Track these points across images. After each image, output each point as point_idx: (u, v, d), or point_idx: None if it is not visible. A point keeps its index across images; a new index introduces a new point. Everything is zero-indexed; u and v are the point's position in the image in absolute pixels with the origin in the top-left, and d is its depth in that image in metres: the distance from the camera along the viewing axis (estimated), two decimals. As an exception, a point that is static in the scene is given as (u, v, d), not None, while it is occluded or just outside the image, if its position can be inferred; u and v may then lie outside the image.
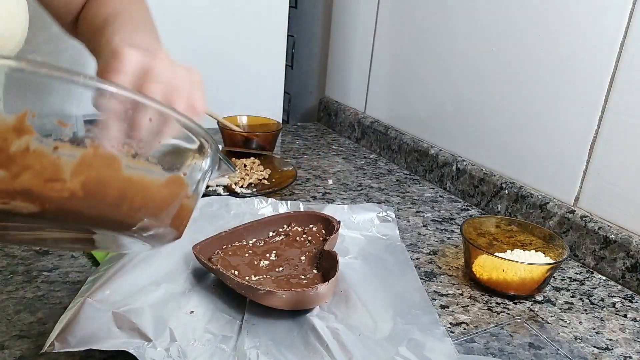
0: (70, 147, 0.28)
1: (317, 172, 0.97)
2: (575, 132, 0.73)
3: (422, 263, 0.68)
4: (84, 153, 0.28)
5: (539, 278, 0.61)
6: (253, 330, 0.51)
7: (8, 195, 0.26)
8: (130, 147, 0.32)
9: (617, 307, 0.62)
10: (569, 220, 0.73)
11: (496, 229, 0.69)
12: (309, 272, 0.59)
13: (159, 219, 0.33)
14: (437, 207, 0.87)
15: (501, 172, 0.86)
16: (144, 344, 0.47)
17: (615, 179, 0.69)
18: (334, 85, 1.29)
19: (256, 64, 1.17)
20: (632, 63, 0.66)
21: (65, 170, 0.27)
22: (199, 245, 0.60)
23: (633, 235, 0.67)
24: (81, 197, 0.28)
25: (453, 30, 0.92)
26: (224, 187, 0.84)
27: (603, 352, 0.54)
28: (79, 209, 0.28)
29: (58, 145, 0.27)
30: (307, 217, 0.69)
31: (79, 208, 0.28)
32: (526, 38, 0.79)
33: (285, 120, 1.47)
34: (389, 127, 1.09)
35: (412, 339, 0.51)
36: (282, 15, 1.18)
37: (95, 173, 0.28)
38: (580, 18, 0.71)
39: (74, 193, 0.27)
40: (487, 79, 0.86)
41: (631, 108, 0.67)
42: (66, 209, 0.28)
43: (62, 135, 0.30)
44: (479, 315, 0.58)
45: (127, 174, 0.30)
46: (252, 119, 1.06)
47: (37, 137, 0.27)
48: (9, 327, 0.50)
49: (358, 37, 1.18)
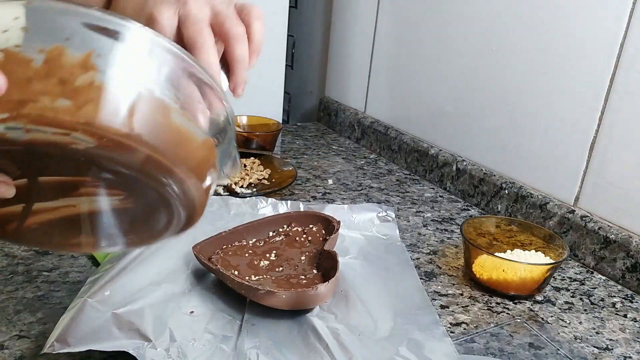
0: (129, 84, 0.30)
1: (317, 172, 0.97)
2: (575, 132, 0.73)
3: (422, 263, 0.68)
4: (141, 93, 0.30)
5: (539, 278, 0.61)
6: (253, 330, 0.51)
7: (71, 125, 0.28)
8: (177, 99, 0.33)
9: (617, 307, 0.62)
10: (569, 220, 0.73)
11: (496, 229, 0.69)
12: (309, 272, 0.59)
13: (195, 177, 0.35)
14: (437, 207, 0.87)
15: (501, 172, 0.86)
16: (144, 345, 0.47)
17: (615, 179, 0.69)
18: (334, 85, 1.29)
19: (256, 64, 1.17)
20: (632, 63, 0.66)
21: (123, 108, 0.29)
22: (199, 245, 0.60)
23: (633, 235, 0.67)
24: (137, 135, 0.29)
25: (453, 30, 0.92)
26: (224, 187, 0.84)
27: (603, 352, 0.54)
28: (132, 149, 0.30)
29: (119, 84, 0.29)
30: (307, 217, 0.69)
31: (132, 147, 0.29)
32: (526, 38, 0.79)
33: (285, 120, 1.47)
34: (389, 127, 1.09)
35: (412, 339, 0.51)
36: (282, 15, 1.18)
37: (149, 114, 0.30)
38: (580, 18, 0.71)
39: (131, 131, 0.29)
40: (487, 79, 0.86)
41: (631, 108, 0.67)
42: (121, 145, 0.29)
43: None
44: (479, 315, 0.58)
45: (175, 121, 0.32)
46: (252, 119, 1.06)
47: (102, 74, 0.29)
48: (9, 327, 0.50)
49: (358, 37, 1.18)
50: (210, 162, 0.36)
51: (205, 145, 0.34)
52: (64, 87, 0.28)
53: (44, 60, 0.28)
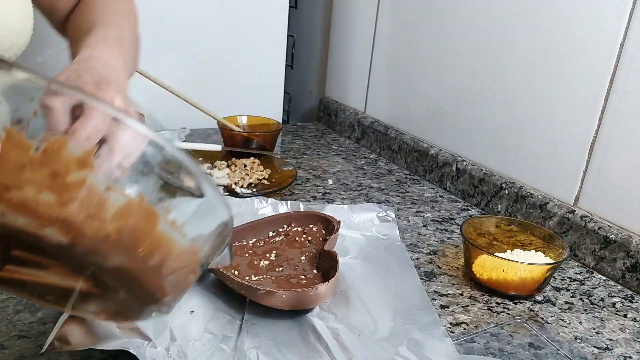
0: (119, 191, 0.29)
1: (317, 172, 0.97)
2: (575, 132, 0.73)
3: (422, 263, 0.68)
4: (130, 200, 0.29)
5: (539, 278, 0.61)
6: (253, 330, 0.51)
7: (49, 220, 0.27)
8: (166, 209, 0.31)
9: (617, 307, 0.62)
10: (569, 220, 0.73)
11: (496, 229, 0.69)
12: (309, 272, 0.59)
13: (172, 294, 0.34)
14: (437, 207, 0.87)
15: (501, 172, 0.86)
16: (144, 344, 0.47)
17: (615, 179, 0.69)
18: (334, 85, 1.30)
19: (256, 64, 1.17)
20: (632, 63, 0.66)
21: (109, 211, 0.28)
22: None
23: (633, 235, 0.67)
24: (113, 241, 0.28)
25: (453, 30, 0.92)
26: (224, 187, 0.84)
27: (603, 352, 0.54)
28: (105, 252, 0.29)
29: (110, 187, 0.28)
30: (307, 217, 0.69)
31: (106, 251, 0.28)
32: (526, 38, 0.79)
33: (285, 120, 1.47)
34: (389, 127, 1.09)
35: (412, 339, 0.51)
36: (282, 15, 1.18)
37: (133, 222, 0.29)
38: (580, 18, 0.71)
39: (109, 235, 0.28)
40: (487, 79, 0.86)
41: (631, 108, 0.67)
42: (94, 248, 0.28)
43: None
44: (479, 315, 0.58)
45: (160, 231, 0.30)
46: (252, 119, 1.06)
47: (95, 175, 0.27)
48: (9, 327, 0.50)
49: (358, 37, 1.18)
50: (190, 268, 0.34)
51: (188, 252, 0.33)
52: (54, 181, 0.27)
53: (43, 149, 0.27)
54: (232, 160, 0.94)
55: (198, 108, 0.99)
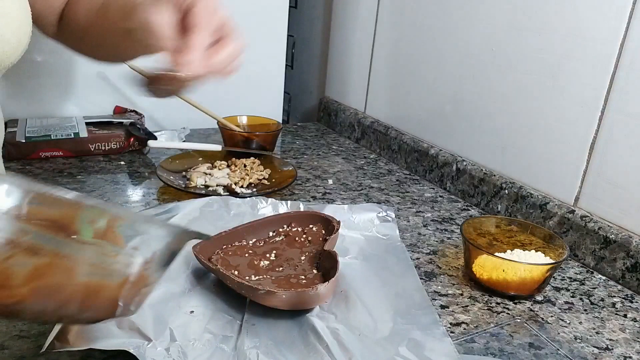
0: (24, 255, 0.28)
1: (317, 172, 0.97)
2: (575, 132, 0.73)
3: (422, 263, 0.68)
4: (37, 264, 0.28)
5: (539, 278, 0.61)
6: (253, 330, 0.51)
7: None
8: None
9: (617, 307, 0.62)
10: (569, 220, 0.73)
11: (496, 229, 0.69)
12: (309, 272, 0.59)
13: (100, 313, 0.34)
14: (437, 207, 0.87)
15: (501, 172, 0.86)
16: (144, 344, 0.47)
17: (615, 179, 0.69)
18: (334, 85, 1.30)
19: (256, 64, 1.17)
20: (632, 63, 0.66)
21: (16, 278, 0.28)
22: (199, 245, 0.60)
23: (633, 235, 0.67)
24: (30, 302, 0.29)
25: (453, 30, 0.92)
26: (224, 187, 0.84)
27: (603, 352, 0.54)
28: (25, 309, 0.29)
29: (12, 255, 0.28)
30: (307, 217, 0.69)
31: (25, 309, 0.29)
32: (526, 38, 0.79)
33: (285, 120, 1.47)
34: (389, 127, 1.09)
35: (412, 339, 0.51)
36: (282, 15, 1.18)
37: (47, 280, 0.29)
38: (580, 18, 0.71)
39: (22, 299, 0.28)
40: (487, 79, 0.86)
41: (631, 108, 0.67)
42: (11, 310, 0.29)
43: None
44: (479, 315, 0.58)
45: (82, 280, 0.30)
46: (252, 119, 1.06)
47: None
48: (9, 327, 0.50)
49: (358, 37, 1.18)
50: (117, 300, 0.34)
51: (118, 286, 0.33)
52: None
53: None
54: (232, 160, 0.94)
55: (198, 108, 0.99)
